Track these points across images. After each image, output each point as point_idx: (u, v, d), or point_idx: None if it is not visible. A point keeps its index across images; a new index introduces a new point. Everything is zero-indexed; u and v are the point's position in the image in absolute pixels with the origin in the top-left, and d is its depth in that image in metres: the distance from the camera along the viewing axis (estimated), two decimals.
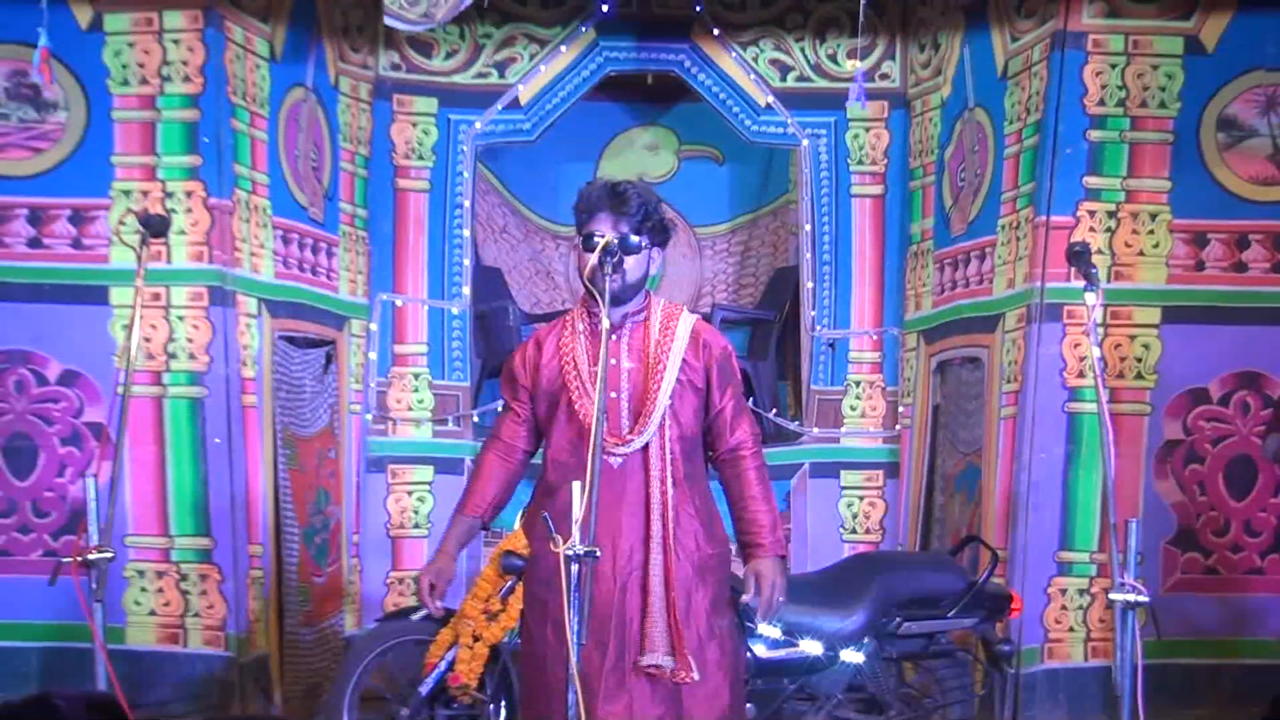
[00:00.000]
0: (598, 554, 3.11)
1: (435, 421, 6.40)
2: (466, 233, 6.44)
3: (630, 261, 3.30)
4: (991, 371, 5.63)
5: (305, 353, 5.81)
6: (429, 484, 6.35)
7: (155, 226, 3.99)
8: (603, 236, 3.25)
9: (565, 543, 3.02)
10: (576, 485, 3.11)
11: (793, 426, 6.56)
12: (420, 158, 6.41)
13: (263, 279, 5.53)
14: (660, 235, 3.40)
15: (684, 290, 7.52)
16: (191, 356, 5.31)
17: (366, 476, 6.29)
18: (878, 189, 6.46)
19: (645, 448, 3.42)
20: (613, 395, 3.38)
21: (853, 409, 6.46)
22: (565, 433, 3.46)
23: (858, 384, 6.47)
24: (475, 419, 6.52)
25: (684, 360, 3.40)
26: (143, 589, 5.32)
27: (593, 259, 3.26)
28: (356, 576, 6.21)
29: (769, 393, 6.92)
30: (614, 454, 3.43)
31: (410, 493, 6.36)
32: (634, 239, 3.26)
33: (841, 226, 6.45)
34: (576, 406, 3.42)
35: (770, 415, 6.65)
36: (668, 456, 3.39)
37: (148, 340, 5.18)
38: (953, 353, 6.00)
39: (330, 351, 6.06)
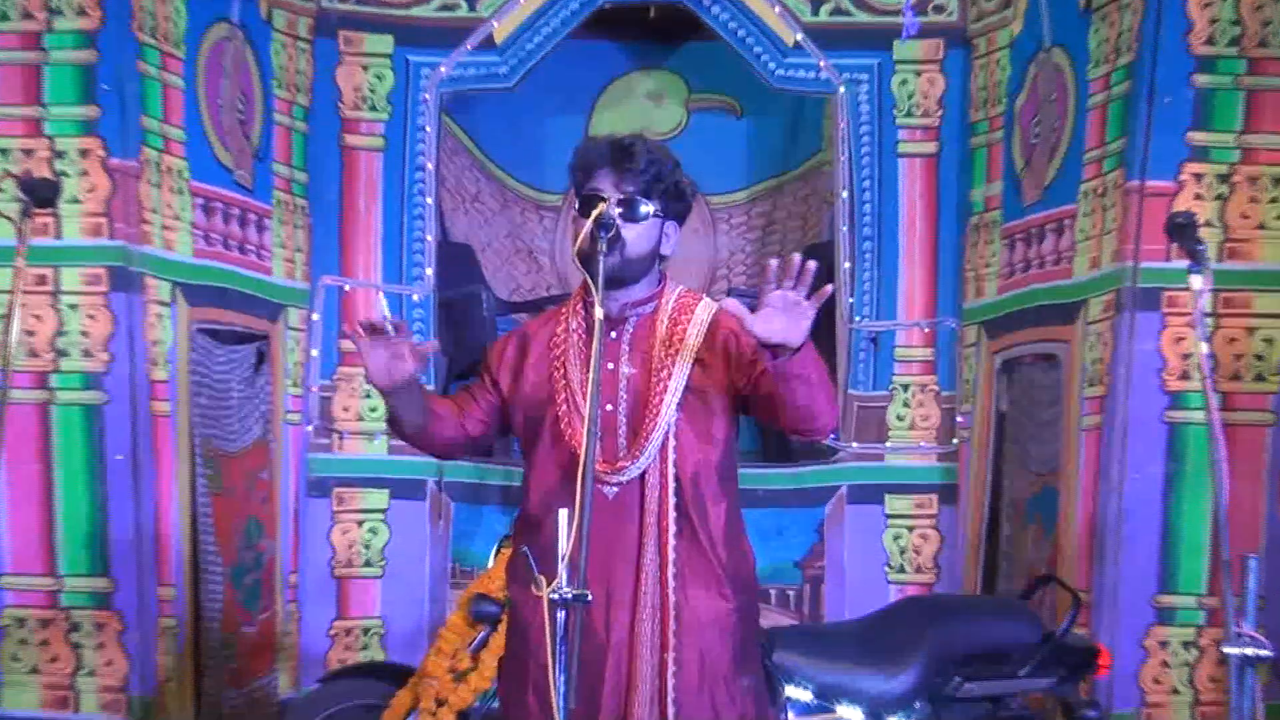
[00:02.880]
0: (588, 598, 3.09)
1: (391, 435, 6.31)
2: (430, 201, 6.45)
3: (633, 233, 3.25)
4: (1071, 372, 5.64)
5: (231, 350, 5.84)
6: (383, 512, 6.36)
7: (41, 194, 3.97)
8: (606, 200, 3.24)
9: (550, 585, 3.01)
10: (563, 513, 3.11)
11: (825, 440, 6.56)
12: (373, 109, 6.41)
13: (178, 258, 5.49)
14: (676, 203, 3.36)
15: (693, 273, 7.57)
16: (87, 354, 5.24)
17: (307, 502, 6.29)
18: (931, 147, 6.50)
19: (643, 476, 3.35)
20: (608, 408, 3.32)
21: (900, 419, 6.52)
22: (551, 456, 3.40)
23: (906, 388, 6.53)
24: None
25: (698, 364, 3.33)
26: (23, 641, 5.24)
27: (586, 228, 3.23)
28: (294, 626, 6.20)
29: None
30: (608, 482, 3.35)
31: (360, 523, 6.36)
32: (641, 205, 3.23)
33: (886, 193, 6.52)
34: (564, 425, 3.36)
35: None
36: (671, 487, 3.29)
37: (30, 334, 5.16)
38: (1023, 349, 6.03)
39: (262, 348, 6.04)
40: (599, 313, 3.20)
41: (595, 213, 3.24)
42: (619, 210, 3.20)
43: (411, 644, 6.14)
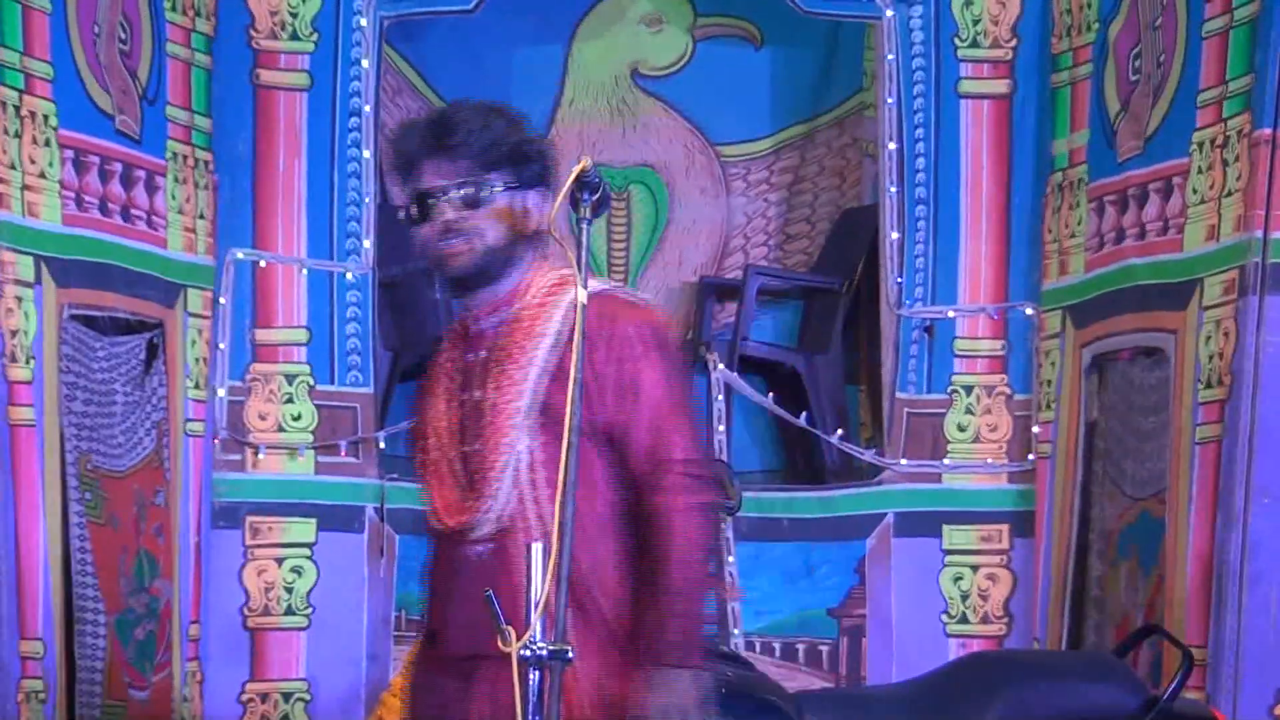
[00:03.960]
0: (570, 655, 3.14)
1: (319, 449, 6.39)
2: (367, 154, 6.44)
3: (480, 220, 3.40)
4: (1181, 370, 5.65)
5: (115, 342, 5.81)
6: (309, 546, 6.35)
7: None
8: (442, 195, 3.38)
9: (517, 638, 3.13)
10: (536, 548, 3.19)
11: (868, 457, 6.59)
12: (294, 37, 6.40)
13: (43, 226, 5.44)
14: (527, 168, 3.46)
15: (701, 243, 7.55)
16: None
17: (212, 534, 6.26)
18: (1002, 86, 6.55)
19: (508, 533, 3.43)
20: (467, 448, 3.48)
21: (962, 429, 6.52)
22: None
23: (969, 390, 6.54)
24: (381, 445, 6.50)
25: (553, 377, 3.42)
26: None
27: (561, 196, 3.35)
28: (196, 690, 6.15)
29: (831, 404, 6.96)
30: (468, 541, 3.47)
31: (280, 560, 6.33)
32: (481, 186, 3.38)
33: (945, 144, 6.53)
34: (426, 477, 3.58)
35: (833, 439, 6.70)
36: (534, 549, 3.31)
37: (12, 334, 5.20)
38: (1118, 341, 6.04)
39: (155, 340, 6.01)
40: (581, 295, 3.23)
41: (576, 170, 3.28)
42: (458, 201, 3.36)
43: (346, 711, 6.13)
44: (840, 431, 6.75)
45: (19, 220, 5.33)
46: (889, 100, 6.49)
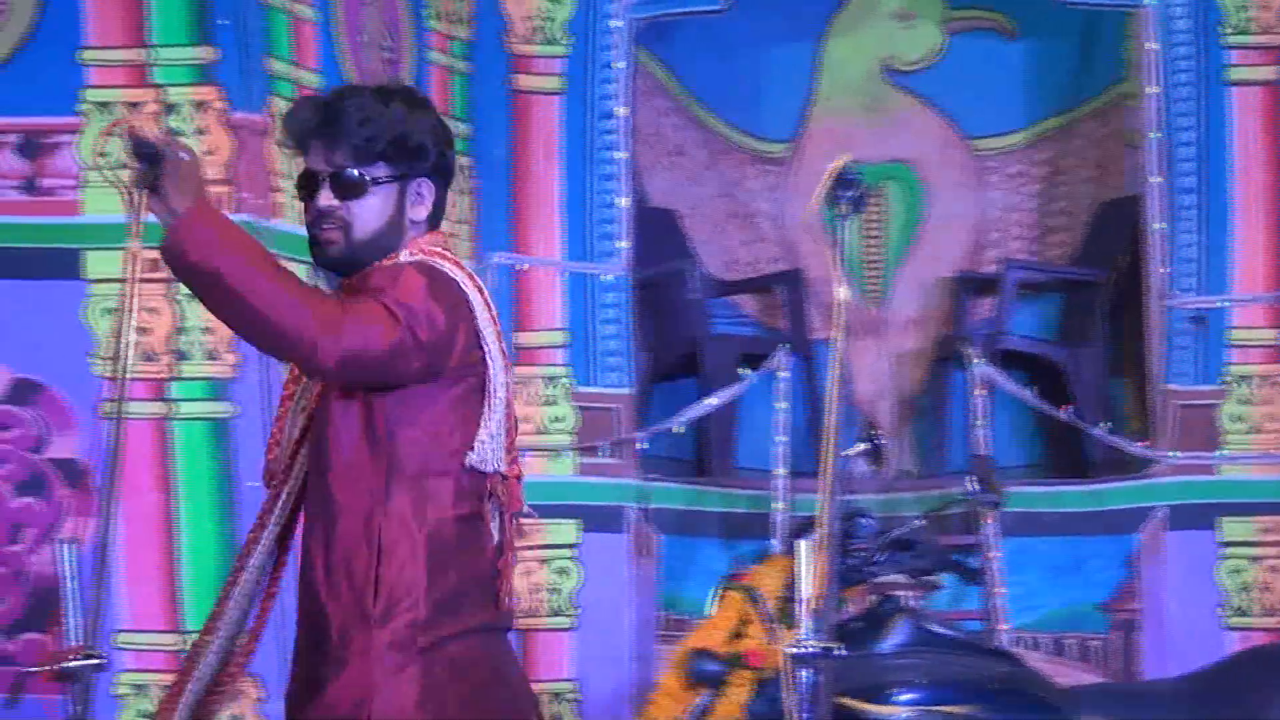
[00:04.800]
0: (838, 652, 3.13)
1: (581, 451, 6.42)
2: (622, 156, 6.46)
3: (357, 210, 3.27)
4: None
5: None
6: (573, 548, 6.39)
7: (155, 158, 3.97)
8: (321, 180, 3.25)
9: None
10: (803, 544, 3.18)
11: (1137, 450, 6.52)
12: (549, 42, 6.46)
13: (292, 230, 5.42)
14: (414, 160, 3.32)
15: (956, 238, 7.48)
16: (211, 356, 5.33)
17: None
18: (1271, 72, 6.47)
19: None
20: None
21: (1238, 420, 6.44)
22: None
23: (1245, 381, 6.46)
24: (643, 445, 6.53)
25: None
26: (143, 714, 5.32)
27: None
28: None
29: (1095, 397, 6.87)
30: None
31: (545, 561, 6.40)
32: (355, 177, 3.24)
33: (1213, 133, 6.47)
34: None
35: (1099, 432, 6.62)
36: (286, 490, 3.29)
37: (146, 332, 5.21)
38: None
39: None
40: (842, 294, 3.18)
41: (833, 168, 3.25)
42: (332, 189, 3.23)
43: (613, 712, 6.17)
44: (1106, 424, 6.66)
45: (294, 229, 5.28)
46: (1151, 90, 6.43)
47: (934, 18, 7.47)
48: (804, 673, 3.14)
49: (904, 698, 4.40)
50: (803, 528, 4.74)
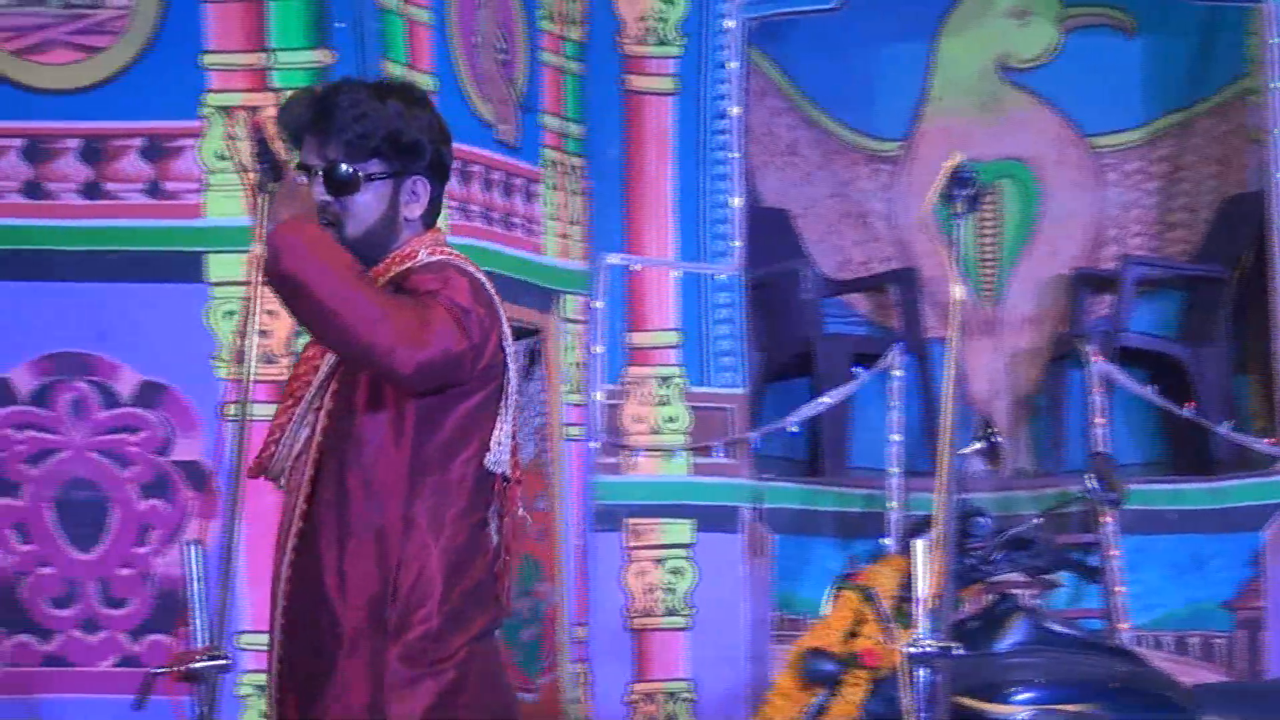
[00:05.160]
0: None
1: (695, 451, 6.44)
2: (735, 156, 6.47)
3: (350, 207, 3.25)
4: None
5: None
6: (688, 547, 6.40)
7: (278, 162, 4.01)
8: (315, 175, 3.23)
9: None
10: (919, 544, 3.18)
11: (1262, 446, 6.47)
12: (662, 42, 6.47)
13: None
14: (407, 157, 3.30)
15: (1073, 236, 7.45)
16: None
17: (593, 537, 6.35)
18: None
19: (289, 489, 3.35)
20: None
21: None
22: None
23: None
24: (757, 445, 6.55)
25: None
26: (265, 714, 5.33)
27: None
28: (584, 692, 6.26)
29: (1219, 394, 6.82)
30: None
31: (660, 561, 6.41)
32: (345, 173, 3.22)
33: None
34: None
35: (1223, 430, 6.56)
36: (302, 493, 3.27)
37: (267, 334, 5.20)
38: None
39: (534, 346, 6.12)
40: (960, 292, 3.16)
41: (948, 166, 3.26)
42: (325, 184, 3.21)
43: (728, 712, 6.16)
44: (1230, 422, 6.62)
45: None
46: (1275, 85, 6.40)
47: (1050, 15, 7.43)
48: (922, 672, 3.14)
49: (1022, 697, 4.36)
50: (918, 527, 4.73)
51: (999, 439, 4.89)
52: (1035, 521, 4.76)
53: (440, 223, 5.54)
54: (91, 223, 5.32)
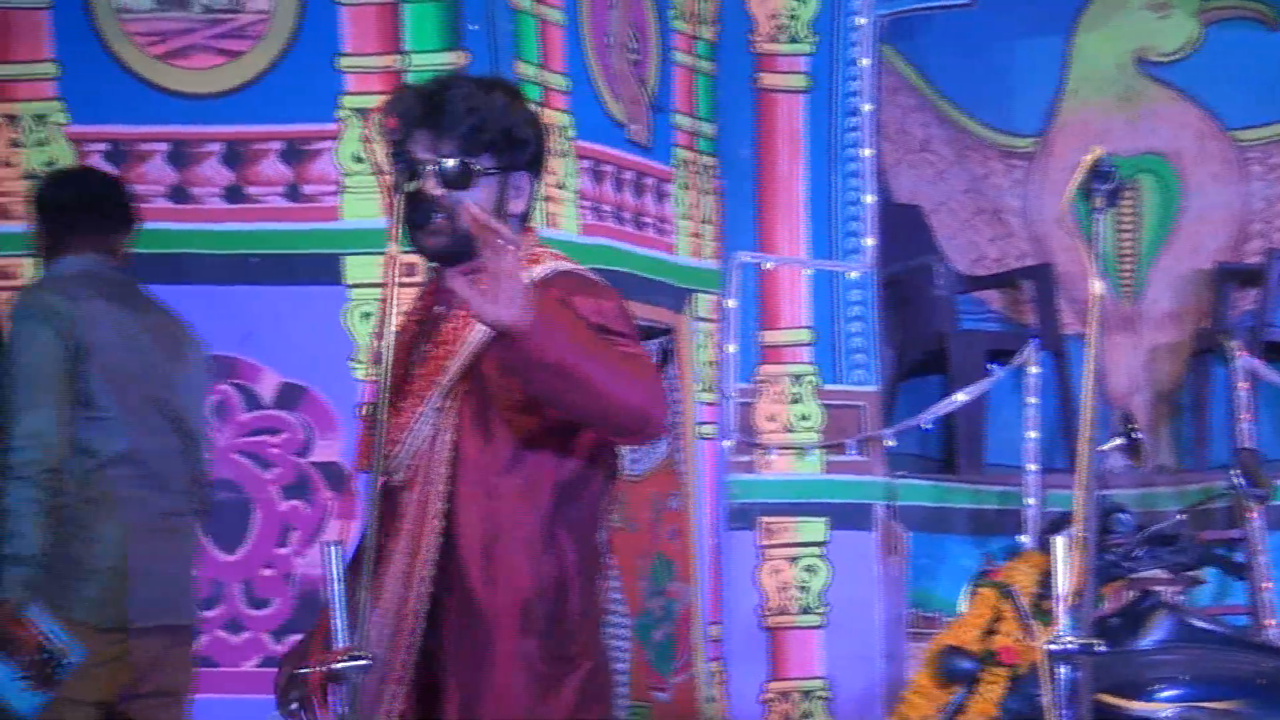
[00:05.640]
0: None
1: (828, 449, 6.45)
2: (867, 153, 6.47)
3: (463, 197, 3.23)
4: None
5: None
6: (822, 545, 6.41)
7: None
8: (426, 169, 3.22)
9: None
10: (1059, 540, 3.11)
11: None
12: (793, 40, 6.48)
13: (563, 236, 5.59)
14: (516, 151, 3.30)
15: (1215, 230, 7.40)
16: None
17: (727, 536, 6.36)
18: None
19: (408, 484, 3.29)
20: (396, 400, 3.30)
21: None
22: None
23: None
24: (890, 442, 6.55)
25: (487, 345, 3.21)
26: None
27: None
28: (719, 691, 6.27)
29: None
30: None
31: (794, 559, 6.42)
32: (462, 168, 3.20)
33: None
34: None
35: None
36: (431, 527, 3.21)
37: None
38: None
39: (666, 345, 6.13)
40: (1104, 287, 3.18)
41: (1087, 160, 3.23)
42: (439, 178, 3.19)
43: (864, 710, 6.17)
44: None
45: (541, 232, 5.51)
46: None
47: (1189, 8, 7.40)
48: (1063, 669, 3.11)
49: (1166, 694, 4.32)
50: (1056, 524, 4.71)
51: (1140, 435, 4.85)
52: (1179, 517, 4.71)
53: (572, 223, 5.64)
54: (233, 226, 5.38)
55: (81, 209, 4.34)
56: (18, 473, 4.05)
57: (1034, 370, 6.50)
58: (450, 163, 3.19)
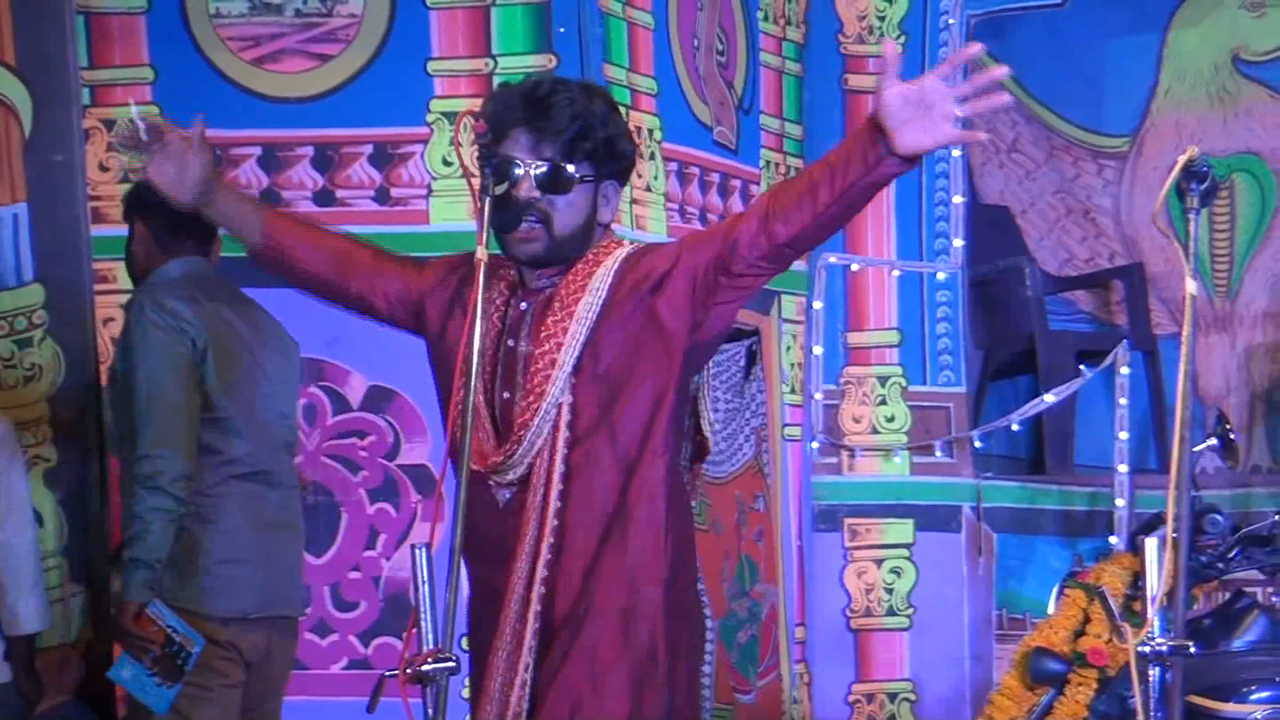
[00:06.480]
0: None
1: (914, 450, 6.45)
2: (956, 154, 6.48)
3: (560, 206, 3.27)
4: None
5: (718, 350, 5.92)
6: (908, 547, 6.41)
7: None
8: (519, 165, 3.23)
9: None
10: (1153, 543, 3.18)
11: None
12: (882, 40, 6.46)
13: (650, 238, 5.57)
14: (612, 161, 3.32)
15: None
16: None
17: (813, 538, 6.38)
18: None
19: (528, 480, 3.33)
20: (504, 395, 3.35)
21: None
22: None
23: None
24: (976, 444, 6.54)
25: (597, 329, 3.29)
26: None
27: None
28: (804, 692, 6.26)
29: None
30: (495, 484, 3.38)
31: (880, 561, 6.42)
32: (565, 173, 3.23)
33: None
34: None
35: None
36: (555, 493, 3.26)
37: None
38: None
39: (753, 347, 6.13)
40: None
41: (1182, 160, 3.29)
42: (538, 181, 3.21)
43: (951, 712, 6.17)
44: None
45: (627, 233, 5.43)
46: None
47: None
48: (1154, 671, 3.16)
49: (1259, 695, 4.32)
50: (1147, 525, 4.71)
51: (1234, 435, 4.84)
52: (1275, 518, 4.69)
53: (659, 224, 5.66)
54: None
55: (182, 212, 4.42)
56: (149, 482, 4.12)
57: (1125, 371, 6.49)
58: (550, 168, 3.21)
